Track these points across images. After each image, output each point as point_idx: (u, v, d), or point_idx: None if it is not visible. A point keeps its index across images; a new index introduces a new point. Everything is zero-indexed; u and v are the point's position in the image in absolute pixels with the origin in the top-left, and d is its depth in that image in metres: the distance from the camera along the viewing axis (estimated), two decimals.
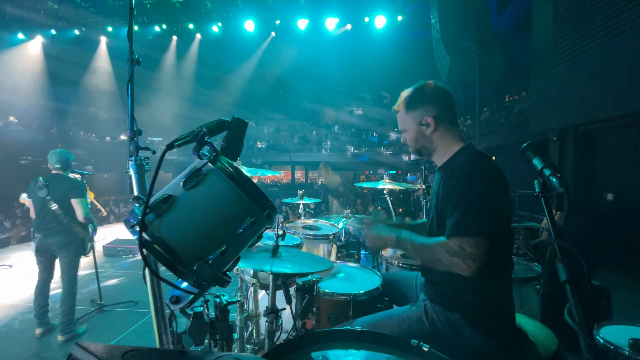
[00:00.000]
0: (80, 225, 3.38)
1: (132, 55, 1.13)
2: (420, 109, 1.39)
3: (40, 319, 3.30)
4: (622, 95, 4.41)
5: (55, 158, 3.34)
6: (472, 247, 1.16)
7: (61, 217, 3.26)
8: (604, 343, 1.34)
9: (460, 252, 1.17)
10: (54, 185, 3.28)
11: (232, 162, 0.79)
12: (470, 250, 1.16)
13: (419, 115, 1.40)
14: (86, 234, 3.44)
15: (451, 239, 1.21)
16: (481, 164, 1.29)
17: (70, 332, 3.25)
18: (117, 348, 0.52)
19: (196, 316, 1.17)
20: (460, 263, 1.17)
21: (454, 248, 1.19)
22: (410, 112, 1.42)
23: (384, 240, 1.37)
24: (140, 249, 0.71)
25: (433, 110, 1.38)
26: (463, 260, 1.16)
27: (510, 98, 10.69)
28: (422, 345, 0.99)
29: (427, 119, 1.38)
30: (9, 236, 8.42)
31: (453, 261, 1.18)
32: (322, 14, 12.02)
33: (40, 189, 3.23)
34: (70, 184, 3.34)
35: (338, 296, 1.76)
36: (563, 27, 5.49)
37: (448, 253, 1.19)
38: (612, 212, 5.60)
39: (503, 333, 1.29)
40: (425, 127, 1.39)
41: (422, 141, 1.43)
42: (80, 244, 3.42)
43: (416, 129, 1.41)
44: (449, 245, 1.20)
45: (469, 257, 1.16)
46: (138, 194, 1.08)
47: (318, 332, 1.09)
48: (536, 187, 0.94)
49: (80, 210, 3.31)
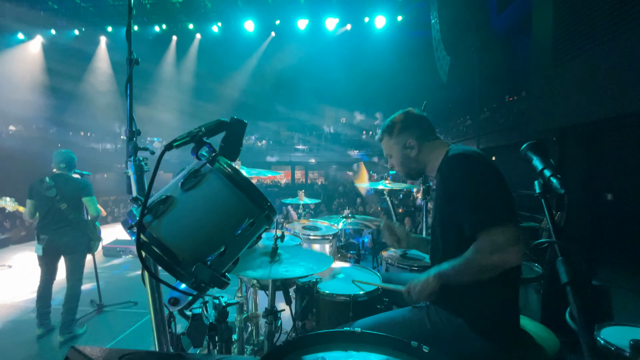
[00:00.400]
0: (88, 224, 3.43)
1: (131, 55, 1.12)
2: (402, 134, 1.49)
3: (42, 319, 3.30)
4: (622, 95, 4.40)
5: (60, 158, 3.35)
6: (501, 233, 1.12)
7: (71, 216, 3.29)
8: (604, 344, 1.33)
9: (494, 246, 1.12)
10: (62, 184, 3.29)
11: (230, 162, 0.79)
12: (503, 238, 1.11)
13: (403, 139, 1.48)
14: (94, 232, 3.50)
15: (478, 238, 1.16)
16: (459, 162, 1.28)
17: (70, 333, 3.25)
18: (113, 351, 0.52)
19: (195, 318, 1.17)
20: (503, 256, 1.11)
21: (486, 245, 1.13)
22: (393, 138, 1.51)
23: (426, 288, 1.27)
24: (138, 250, 0.70)
25: (415, 133, 1.47)
26: (503, 252, 1.11)
27: (510, 98, 10.68)
28: (422, 347, 0.98)
29: (410, 141, 1.47)
30: (9, 236, 8.41)
31: (494, 259, 1.12)
32: (322, 14, 12.02)
33: (48, 189, 3.22)
34: (80, 183, 3.39)
35: (338, 297, 1.76)
36: (563, 27, 5.48)
37: (486, 254, 1.13)
38: (612, 212, 5.60)
39: (506, 336, 1.27)
40: (409, 149, 1.48)
41: (408, 163, 1.50)
42: (87, 243, 3.46)
43: (401, 152, 1.49)
44: (481, 247, 1.14)
45: (506, 244, 1.11)
46: (137, 194, 1.07)
47: (317, 334, 1.09)
48: (536, 188, 0.94)
49: (93, 208, 3.39)
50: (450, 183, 1.27)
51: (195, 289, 0.76)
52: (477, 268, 1.16)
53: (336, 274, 2.11)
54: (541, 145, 1.01)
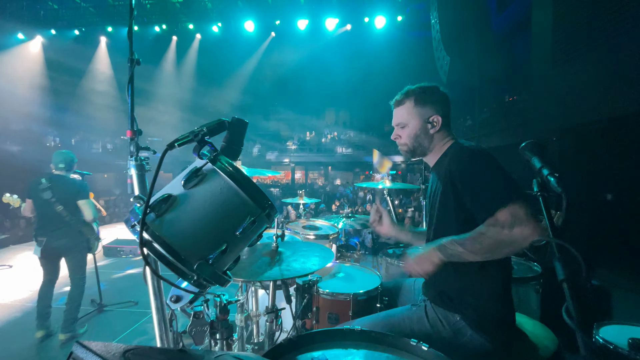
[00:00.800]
0: (86, 225, 3.39)
1: (132, 56, 1.13)
2: (430, 106, 1.38)
3: (42, 320, 3.26)
4: (622, 95, 4.41)
5: (60, 158, 3.31)
6: (521, 208, 1.07)
7: (67, 218, 3.25)
8: (603, 343, 1.34)
9: (514, 220, 1.07)
10: (58, 186, 3.25)
11: (232, 161, 0.80)
12: (522, 212, 1.07)
13: (428, 112, 1.38)
14: (92, 232, 3.47)
15: (497, 214, 1.10)
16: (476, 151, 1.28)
17: (72, 331, 3.25)
18: (117, 347, 0.53)
19: (196, 315, 1.18)
20: (523, 230, 1.06)
21: (506, 220, 1.08)
22: (419, 107, 1.39)
23: (427, 258, 1.20)
24: (141, 248, 0.71)
25: (441, 110, 1.39)
26: (524, 225, 1.06)
27: (510, 98, 10.68)
28: (421, 345, 0.99)
29: (435, 117, 1.38)
30: (9, 236, 8.42)
31: (515, 233, 1.06)
32: (322, 14, 12.02)
33: (43, 190, 3.18)
34: (76, 185, 3.34)
35: (338, 296, 1.77)
36: (563, 27, 5.49)
37: (505, 227, 1.08)
38: (612, 212, 5.60)
39: (503, 333, 1.29)
40: (430, 124, 1.38)
41: (422, 139, 1.40)
42: (86, 243, 3.44)
43: (421, 125, 1.39)
44: (500, 220, 1.09)
45: (526, 218, 1.06)
46: (139, 193, 1.08)
47: (318, 332, 1.10)
48: (534, 187, 0.95)
49: (89, 211, 3.33)
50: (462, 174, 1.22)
51: (196, 287, 0.77)
52: (491, 242, 1.10)
53: (336, 273, 2.12)
54: (539, 144, 1.02)
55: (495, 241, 1.10)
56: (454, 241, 1.17)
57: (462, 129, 13.78)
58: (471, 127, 12.27)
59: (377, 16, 11.81)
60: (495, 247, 1.10)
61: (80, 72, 15.46)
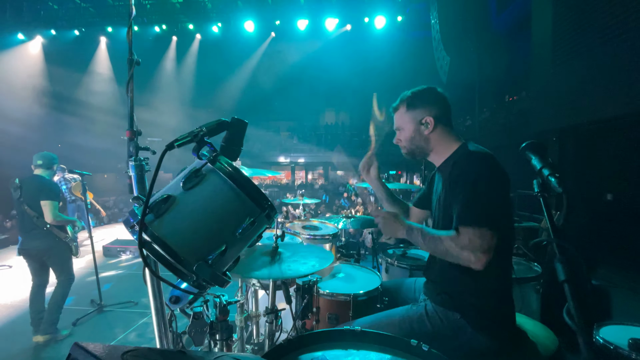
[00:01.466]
0: (56, 227, 3.23)
1: (131, 56, 1.13)
2: (420, 109, 1.44)
3: (37, 326, 3.18)
4: (622, 95, 4.41)
5: (38, 156, 3.23)
6: (481, 238, 1.15)
7: (34, 219, 3.13)
8: (603, 343, 1.34)
9: (469, 244, 1.17)
10: (27, 186, 3.16)
11: (231, 162, 0.80)
12: (479, 242, 1.15)
13: (420, 115, 1.43)
14: (65, 235, 3.29)
15: (460, 231, 1.20)
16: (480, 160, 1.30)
17: (51, 333, 3.17)
18: (116, 348, 0.52)
19: (196, 316, 1.17)
20: (470, 256, 1.16)
21: (463, 241, 1.18)
22: (410, 110, 1.45)
23: (396, 225, 1.33)
24: (140, 249, 0.71)
25: (433, 111, 1.43)
26: (473, 252, 1.16)
27: (510, 98, 10.68)
28: (421, 345, 0.99)
29: (427, 118, 1.42)
30: (9, 236, 8.42)
31: (463, 254, 1.17)
32: (322, 14, 12.01)
33: (15, 190, 3.12)
34: (42, 184, 3.19)
35: (338, 296, 1.77)
36: (563, 27, 5.49)
37: (458, 246, 1.19)
38: (612, 212, 5.60)
39: (503, 333, 1.29)
40: (424, 126, 1.43)
41: (418, 141, 1.45)
42: (64, 246, 3.29)
43: (414, 127, 1.44)
44: (459, 238, 1.19)
45: (479, 249, 1.15)
46: (138, 194, 1.08)
47: (318, 333, 1.09)
48: (535, 187, 0.95)
49: (48, 213, 3.14)
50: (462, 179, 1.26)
51: (196, 288, 0.77)
52: (442, 250, 1.23)
53: (336, 273, 2.11)
54: (540, 144, 1.01)
55: (445, 251, 1.23)
56: (421, 231, 1.29)
57: (462, 129, 13.78)
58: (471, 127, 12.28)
59: (377, 16, 11.80)
60: (443, 255, 1.24)
61: (80, 72, 15.46)
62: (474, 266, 1.16)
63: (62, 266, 3.29)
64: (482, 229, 1.16)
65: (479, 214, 1.18)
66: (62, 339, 3.24)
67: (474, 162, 1.28)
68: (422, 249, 1.29)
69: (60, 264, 3.28)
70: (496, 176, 1.25)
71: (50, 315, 3.17)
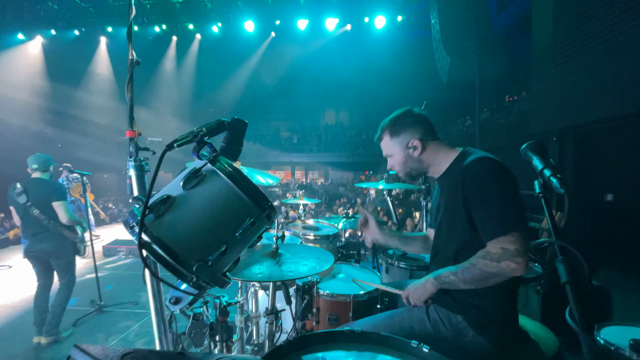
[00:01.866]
0: (67, 228, 3.26)
1: (132, 56, 1.13)
2: (404, 134, 1.42)
3: (40, 326, 3.20)
4: (622, 95, 4.41)
5: (32, 160, 3.20)
6: (513, 243, 1.12)
7: (45, 222, 3.14)
8: (604, 344, 1.33)
9: (504, 253, 1.13)
10: (33, 190, 3.14)
11: (231, 162, 0.79)
12: (513, 248, 1.12)
13: (405, 139, 1.42)
14: (75, 236, 3.32)
15: (490, 244, 1.17)
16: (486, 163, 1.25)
17: (55, 335, 3.19)
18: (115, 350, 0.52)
19: (196, 317, 1.17)
20: (509, 264, 1.12)
21: (496, 252, 1.14)
22: (394, 137, 1.44)
23: (424, 289, 1.32)
24: (140, 249, 0.70)
25: (417, 133, 1.41)
26: (511, 260, 1.12)
27: (510, 98, 10.68)
28: (422, 347, 0.98)
29: (413, 142, 1.41)
30: (9, 236, 8.41)
31: (502, 266, 1.13)
32: (322, 14, 12.01)
33: (19, 195, 3.10)
34: (50, 187, 3.21)
35: (338, 297, 1.76)
36: (563, 27, 5.48)
37: (494, 260, 1.15)
38: (612, 213, 5.60)
39: (505, 335, 1.28)
40: (412, 149, 1.42)
41: (411, 164, 1.44)
42: (71, 247, 3.32)
43: (403, 152, 1.43)
44: (491, 253, 1.16)
45: (515, 254, 1.12)
46: (138, 194, 1.07)
47: (318, 333, 1.09)
48: (536, 188, 0.94)
49: (63, 214, 3.18)
50: (473, 187, 1.22)
51: (196, 289, 0.76)
52: (480, 274, 1.18)
53: (336, 273, 2.11)
54: (541, 144, 1.01)
55: (483, 272, 1.18)
56: (449, 272, 1.25)
57: (462, 128, 13.79)
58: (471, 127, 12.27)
59: (377, 16, 11.80)
60: (483, 278, 1.18)
61: (80, 72, 15.46)
62: (517, 273, 1.13)
63: (66, 267, 3.31)
64: (510, 234, 1.13)
65: (502, 221, 1.15)
66: (63, 340, 3.25)
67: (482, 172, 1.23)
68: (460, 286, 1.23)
69: (65, 266, 3.30)
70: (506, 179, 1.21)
71: (53, 317, 3.19)
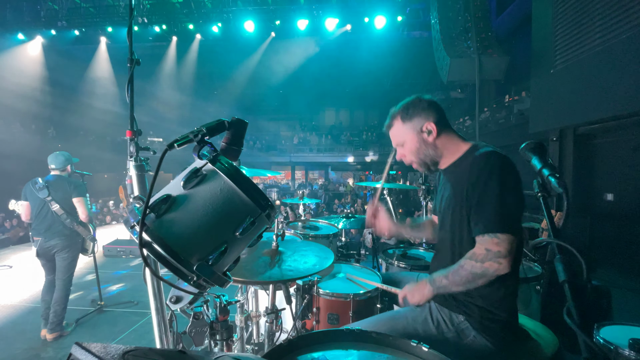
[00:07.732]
0: (82, 225, 3.40)
1: (132, 56, 1.13)
2: (417, 117, 1.35)
3: (46, 319, 3.29)
4: (622, 95, 4.41)
5: (53, 158, 3.34)
6: (497, 244, 1.13)
7: (63, 217, 3.26)
8: (604, 343, 1.34)
9: (487, 254, 1.14)
10: (55, 185, 3.27)
11: (231, 162, 0.80)
12: (496, 249, 1.13)
13: (418, 123, 1.34)
14: (88, 233, 3.45)
15: (476, 245, 1.19)
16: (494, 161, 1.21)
17: (59, 331, 3.28)
18: (117, 348, 0.52)
19: (196, 316, 1.17)
20: (492, 264, 1.13)
21: (481, 253, 1.15)
22: (407, 122, 1.36)
23: (421, 291, 1.30)
24: (141, 249, 0.71)
25: (431, 117, 1.34)
26: (493, 260, 1.13)
27: (510, 98, 10.69)
28: (422, 345, 0.99)
29: (427, 125, 1.33)
30: (9, 236, 8.42)
31: (486, 267, 1.14)
32: (322, 14, 12.01)
33: (40, 189, 3.21)
34: (71, 183, 3.35)
35: (338, 296, 1.77)
36: (563, 27, 5.49)
37: (478, 261, 1.15)
38: (612, 212, 5.60)
39: (507, 335, 1.28)
40: (427, 133, 1.34)
41: (424, 150, 1.35)
42: (80, 244, 3.44)
43: (416, 137, 1.35)
44: (476, 254, 1.17)
45: (498, 255, 1.12)
46: (138, 194, 1.08)
47: (318, 333, 1.09)
48: (535, 187, 0.94)
49: (83, 209, 3.33)
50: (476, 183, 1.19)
51: (196, 288, 0.77)
52: (468, 275, 1.18)
53: (336, 273, 2.11)
54: (540, 144, 1.01)
55: (469, 273, 1.18)
56: (442, 276, 1.25)
57: (462, 128, 13.79)
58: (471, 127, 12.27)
59: (377, 16, 11.79)
60: (471, 279, 1.18)
61: (81, 72, 15.47)
62: (500, 273, 1.14)
63: (69, 266, 3.37)
64: (495, 235, 1.13)
65: (491, 221, 1.15)
66: (66, 334, 3.34)
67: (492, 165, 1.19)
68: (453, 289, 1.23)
69: (68, 263, 3.36)
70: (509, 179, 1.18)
71: (55, 316, 3.26)
